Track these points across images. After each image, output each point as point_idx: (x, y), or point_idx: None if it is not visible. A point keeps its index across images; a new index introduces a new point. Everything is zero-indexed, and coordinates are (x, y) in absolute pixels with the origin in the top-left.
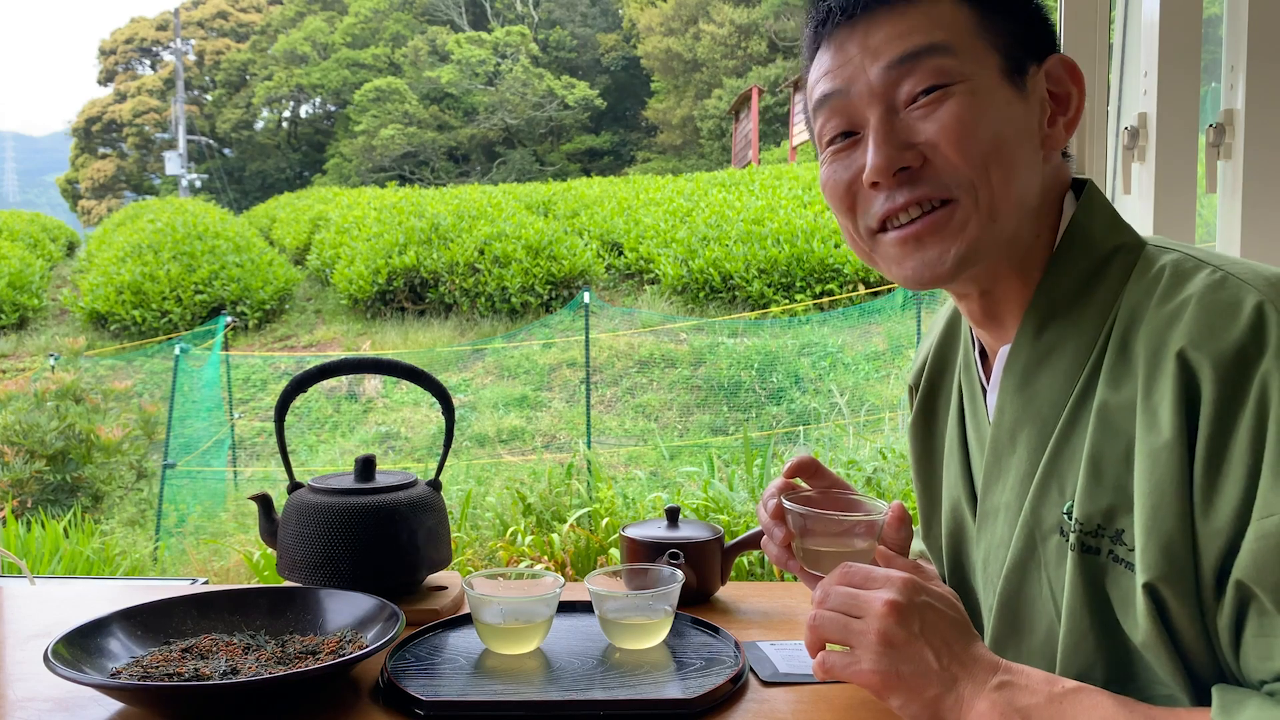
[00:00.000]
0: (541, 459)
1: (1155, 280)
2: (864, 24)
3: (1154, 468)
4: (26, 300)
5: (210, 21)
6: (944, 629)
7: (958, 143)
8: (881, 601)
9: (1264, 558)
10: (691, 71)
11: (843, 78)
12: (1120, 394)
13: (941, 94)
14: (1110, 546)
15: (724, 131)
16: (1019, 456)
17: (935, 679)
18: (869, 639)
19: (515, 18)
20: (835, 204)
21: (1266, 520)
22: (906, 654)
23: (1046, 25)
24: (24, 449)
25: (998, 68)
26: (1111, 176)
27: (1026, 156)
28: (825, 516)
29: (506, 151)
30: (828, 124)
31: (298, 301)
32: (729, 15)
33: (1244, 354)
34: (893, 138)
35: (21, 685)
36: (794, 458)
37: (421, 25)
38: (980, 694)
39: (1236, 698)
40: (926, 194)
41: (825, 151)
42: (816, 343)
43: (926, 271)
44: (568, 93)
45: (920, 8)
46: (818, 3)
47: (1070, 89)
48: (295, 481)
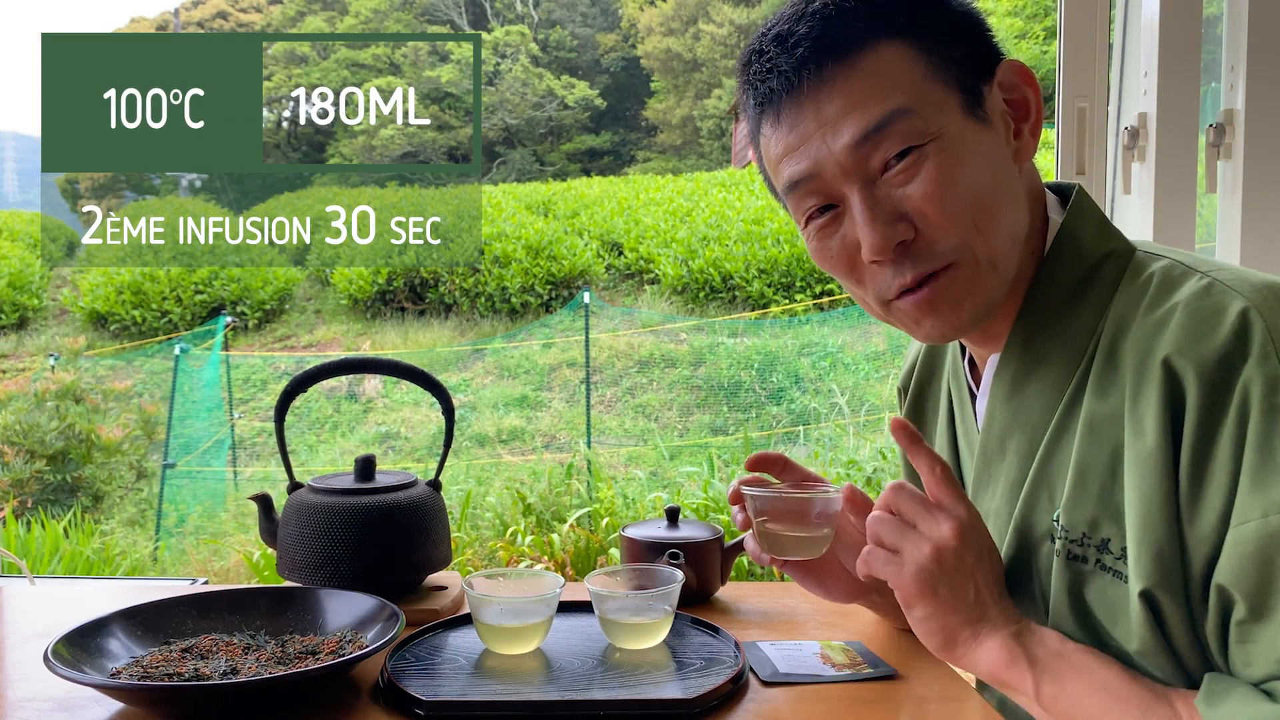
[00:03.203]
0: (541, 459)
1: (1144, 288)
2: (810, 95)
3: (1142, 476)
4: (26, 300)
5: (210, 21)
6: (993, 572)
7: (943, 208)
8: (952, 523)
9: (1240, 563)
10: (691, 71)
11: (809, 159)
12: (1107, 403)
13: (916, 156)
14: (1097, 555)
15: (724, 131)
16: (1008, 464)
17: (965, 609)
18: (924, 549)
19: (515, 18)
20: (838, 276)
21: (1243, 526)
22: (951, 578)
23: (988, 37)
24: (24, 449)
25: (959, 107)
26: (1111, 176)
27: (1009, 191)
28: (778, 497)
29: (506, 151)
30: (804, 201)
31: (298, 301)
32: (729, 15)
33: (1228, 360)
34: (880, 214)
35: (21, 685)
36: (755, 453)
37: (421, 25)
38: (995, 635)
39: (1224, 686)
40: (930, 266)
41: (808, 227)
42: (816, 343)
43: (947, 331)
44: (568, 93)
45: (865, 64)
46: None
47: (1026, 93)
48: (295, 481)
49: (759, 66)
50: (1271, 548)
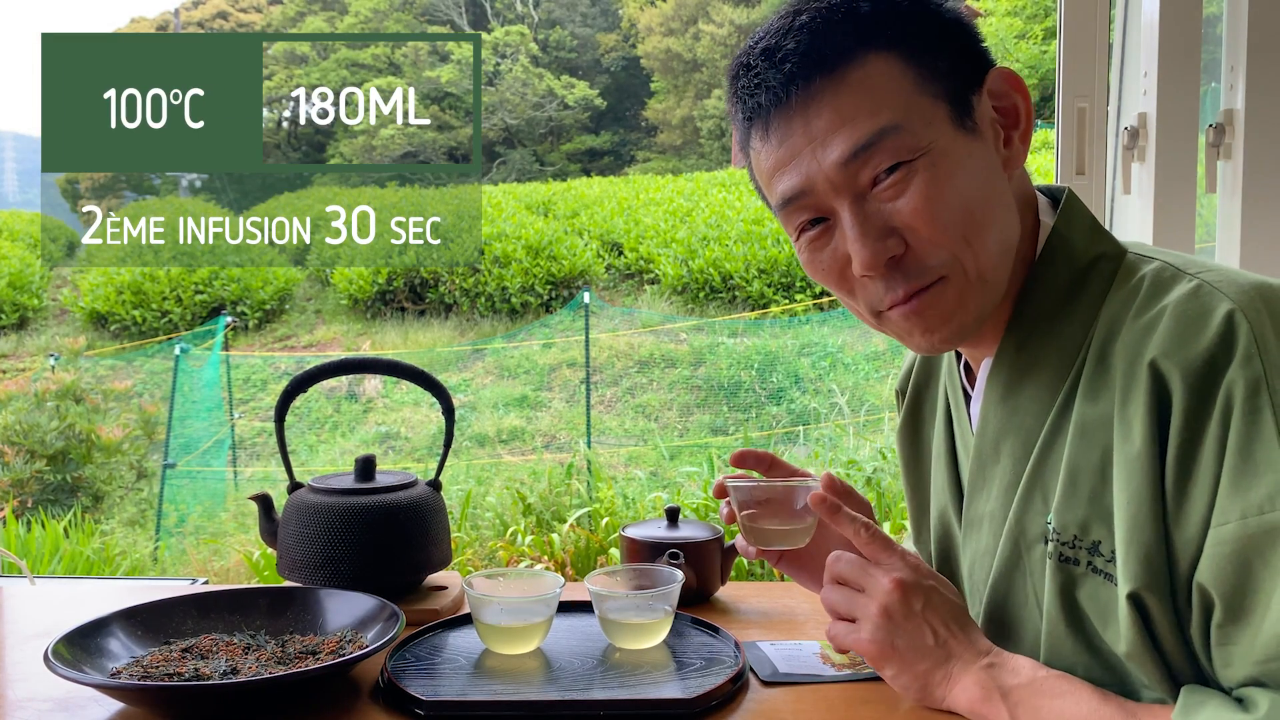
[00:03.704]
0: (541, 459)
1: (1135, 291)
2: (799, 109)
3: (1130, 478)
4: (26, 300)
5: (210, 21)
6: (944, 611)
7: (933, 222)
8: (889, 578)
9: (1219, 565)
10: (691, 71)
11: (799, 174)
12: (1097, 406)
13: (905, 171)
14: (1088, 558)
15: (724, 131)
16: (1003, 466)
17: (929, 655)
18: (871, 611)
19: (515, 18)
20: (831, 287)
21: (1222, 528)
22: (905, 629)
23: (977, 46)
24: (24, 449)
25: (948, 119)
26: (1111, 176)
27: (1000, 202)
28: (759, 488)
29: (506, 151)
30: (795, 215)
31: (298, 301)
32: (729, 15)
33: (1212, 362)
34: (871, 229)
35: (21, 685)
36: (741, 449)
37: (421, 25)
38: (968, 672)
39: (1199, 699)
40: (920, 281)
41: (800, 239)
42: (816, 343)
43: (937, 343)
44: (568, 93)
45: (853, 78)
46: (744, 97)
47: (1015, 100)
48: (295, 481)
49: (746, 81)
50: (1249, 550)
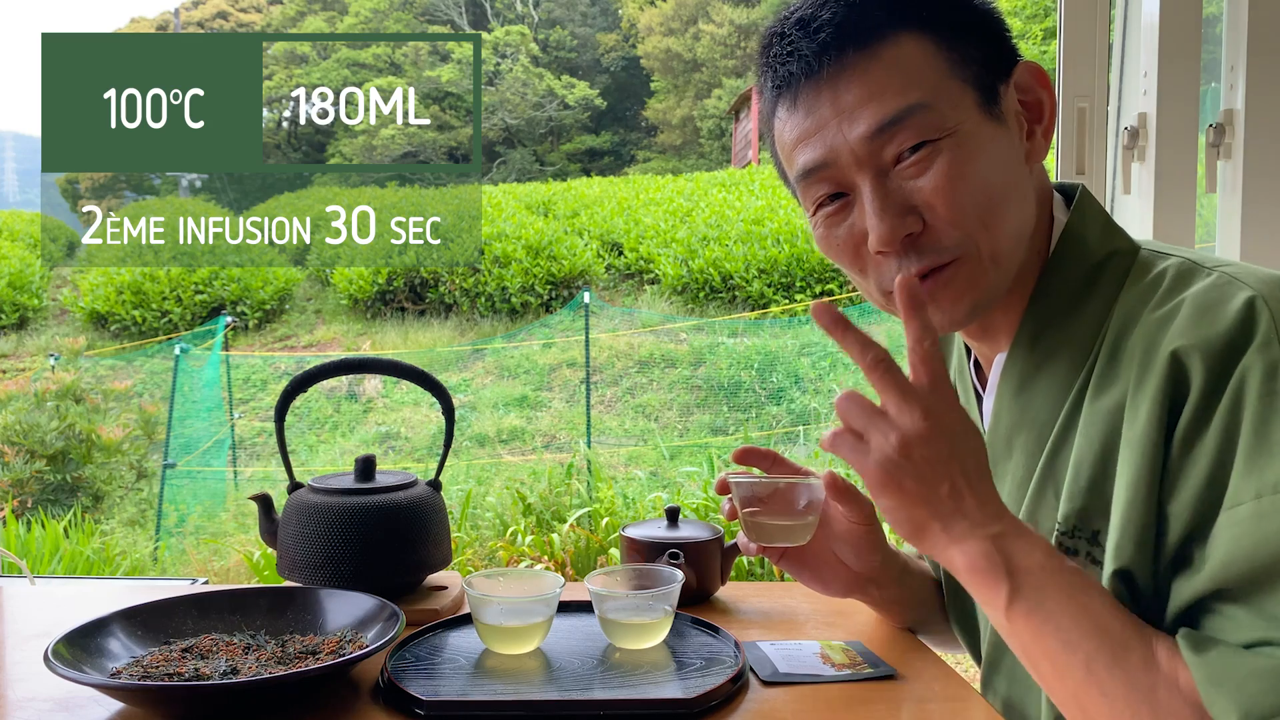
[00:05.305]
0: (541, 459)
1: (1153, 285)
2: (829, 81)
3: (1132, 459)
4: (26, 300)
5: (210, 21)
6: (969, 465)
7: (953, 203)
8: (921, 412)
9: (1233, 544)
10: (691, 71)
11: (823, 146)
12: (1109, 398)
13: (929, 150)
14: (1087, 548)
15: (724, 131)
16: (1015, 462)
17: (936, 503)
18: (889, 440)
19: (515, 18)
20: (843, 264)
21: (1236, 508)
22: (921, 470)
23: (1007, 38)
24: (24, 449)
25: (975, 105)
26: (1111, 176)
27: (1019, 190)
28: (761, 484)
29: (506, 151)
30: (815, 189)
31: (298, 301)
32: (729, 15)
33: (1231, 346)
34: (890, 205)
35: (21, 685)
36: (744, 445)
37: (421, 25)
38: (972, 535)
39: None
40: (934, 260)
41: (817, 214)
42: (816, 343)
43: (946, 323)
44: (568, 93)
45: (886, 54)
46: (775, 65)
47: (1040, 95)
48: (295, 481)
49: (779, 49)
50: (1264, 529)
